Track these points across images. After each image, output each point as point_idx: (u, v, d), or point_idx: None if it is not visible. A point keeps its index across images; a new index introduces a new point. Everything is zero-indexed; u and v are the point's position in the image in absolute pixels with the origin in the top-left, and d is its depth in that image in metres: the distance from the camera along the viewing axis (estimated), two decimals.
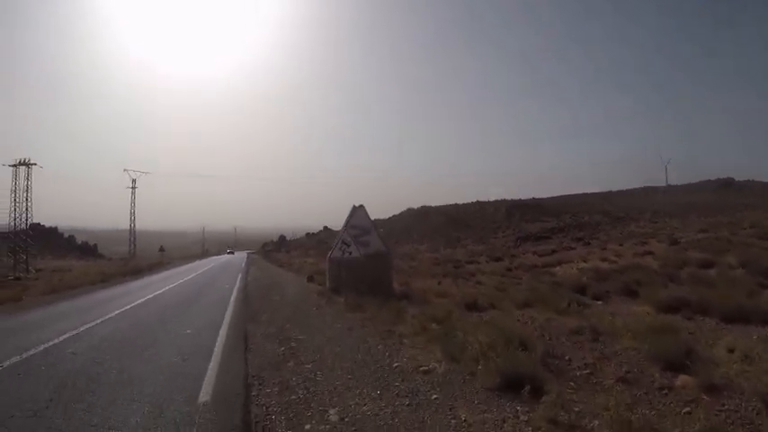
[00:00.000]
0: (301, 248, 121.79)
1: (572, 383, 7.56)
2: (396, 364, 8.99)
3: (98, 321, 15.37)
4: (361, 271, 19.49)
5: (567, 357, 8.95)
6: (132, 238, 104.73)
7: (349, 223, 20.36)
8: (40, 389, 8.09)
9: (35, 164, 76.72)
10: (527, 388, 6.93)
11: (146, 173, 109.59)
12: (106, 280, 37.37)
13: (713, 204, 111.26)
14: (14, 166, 76.22)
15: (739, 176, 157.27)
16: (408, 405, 7.02)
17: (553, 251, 50.12)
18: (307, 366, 9.23)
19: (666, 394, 7.07)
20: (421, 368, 8.61)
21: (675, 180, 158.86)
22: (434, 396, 7.31)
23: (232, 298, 21.33)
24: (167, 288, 27.15)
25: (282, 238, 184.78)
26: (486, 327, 10.95)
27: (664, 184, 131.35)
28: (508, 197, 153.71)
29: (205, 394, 7.66)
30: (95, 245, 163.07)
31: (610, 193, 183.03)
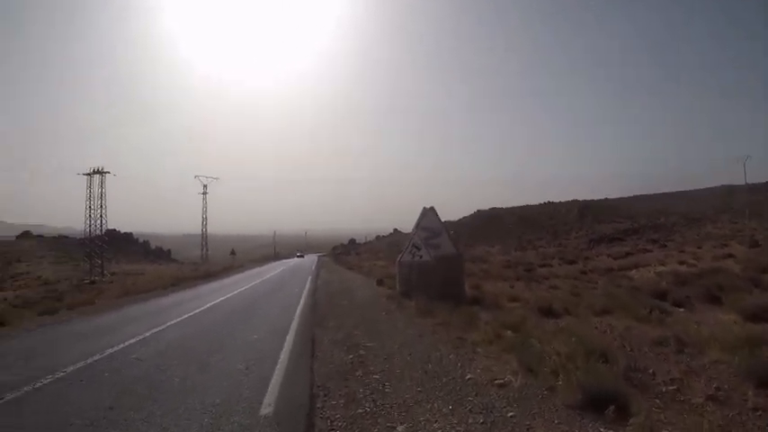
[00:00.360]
0: (371, 251, 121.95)
1: (658, 401, 7.00)
2: (469, 376, 8.48)
3: (165, 326, 15.38)
4: (431, 274, 19.06)
5: (650, 371, 8.35)
6: (204, 243, 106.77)
7: (419, 225, 19.97)
8: (102, 396, 7.97)
9: (108, 172, 79.58)
10: (611, 408, 6.42)
11: (215, 178, 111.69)
12: (177, 284, 37.76)
13: None
14: (89, 174, 78.97)
15: None
16: (482, 423, 6.53)
17: (628, 254, 49.01)
18: (375, 376, 8.84)
19: (761, 416, 6.41)
20: (496, 381, 8.10)
21: (755, 178, 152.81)
22: (510, 414, 6.80)
23: (300, 302, 21.10)
24: (236, 292, 27.22)
25: (352, 241, 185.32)
26: (564, 335, 10.44)
27: (742, 183, 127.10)
28: (580, 197, 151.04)
29: (267, 406, 7.37)
30: (169, 250, 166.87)
31: (686, 192, 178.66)
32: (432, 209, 20.56)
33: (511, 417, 6.71)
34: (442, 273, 19.20)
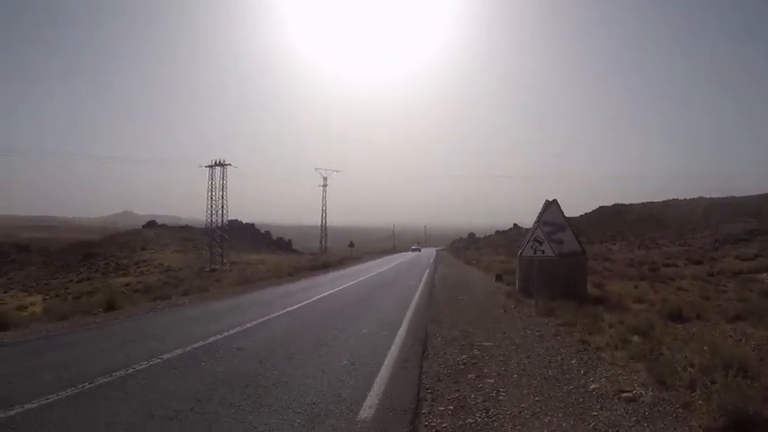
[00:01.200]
0: (490, 246, 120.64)
1: None
2: (593, 386, 7.81)
3: (273, 315, 15.35)
4: (553, 271, 18.36)
5: None
6: (324, 234, 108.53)
7: (541, 219, 19.28)
8: (193, 386, 7.79)
9: (229, 164, 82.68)
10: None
11: (336, 171, 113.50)
12: (294, 273, 37.98)
13: None
14: (211, 166, 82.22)
15: None
16: None
17: (756, 255, 46.54)
18: (489, 381, 8.28)
19: None
20: (623, 393, 7.38)
21: None
22: None
23: (416, 296, 20.78)
24: (352, 283, 27.15)
25: (472, 235, 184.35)
26: (696, 343, 9.86)
27: None
28: (705, 195, 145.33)
29: (367, 408, 6.85)
30: (290, 240, 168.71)
31: None
32: (555, 202, 19.87)
33: None
34: (564, 270, 18.57)
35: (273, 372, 8.68)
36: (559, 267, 18.45)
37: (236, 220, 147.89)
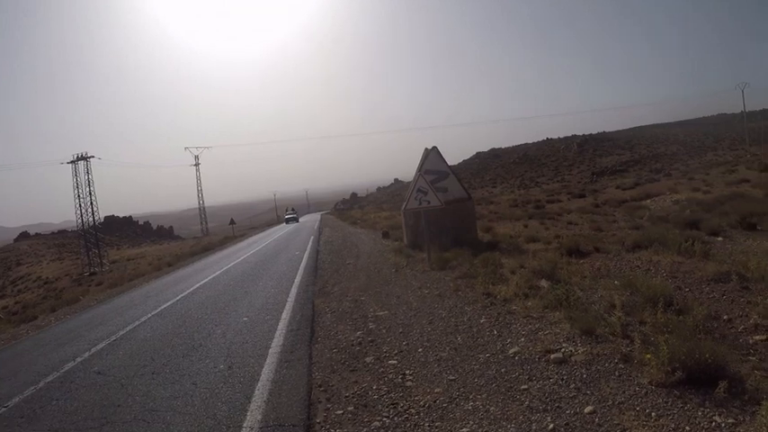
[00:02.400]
0: (374, 203, 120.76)
1: (753, 358, 5.44)
2: (512, 350, 6.62)
3: (143, 320, 13.12)
4: (442, 220, 17.27)
5: (724, 317, 6.82)
6: (203, 216, 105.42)
7: (423, 168, 18.03)
8: None
9: (93, 156, 77.33)
10: (723, 384, 4.69)
11: (207, 148, 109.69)
12: (174, 263, 35.84)
13: None
14: (73, 162, 76.85)
15: None
16: (553, 430, 4.66)
17: (636, 184, 47.55)
18: (391, 362, 6.97)
19: None
20: (550, 355, 6.21)
21: (751, 107, 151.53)
22: (588, 408, 4.88)
23: (301, 267, 19.23)
24: (232, 264, 25.06)
25: (354, 195, 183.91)
26: (607, 279, 8.97)
27: (738, 111, 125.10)
28: (578, 133, 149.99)
29: (250, 427, 5.44)
30: (171, 227, 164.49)
31: (682, 122, 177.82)
32: (434, 149, 18.83)
33: (589, 413, 4.82)
34: (452, 217, 17.63)
35: (136, 398, 6.91)
36: (447, 215, 17.35)
37: (113, 216, 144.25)
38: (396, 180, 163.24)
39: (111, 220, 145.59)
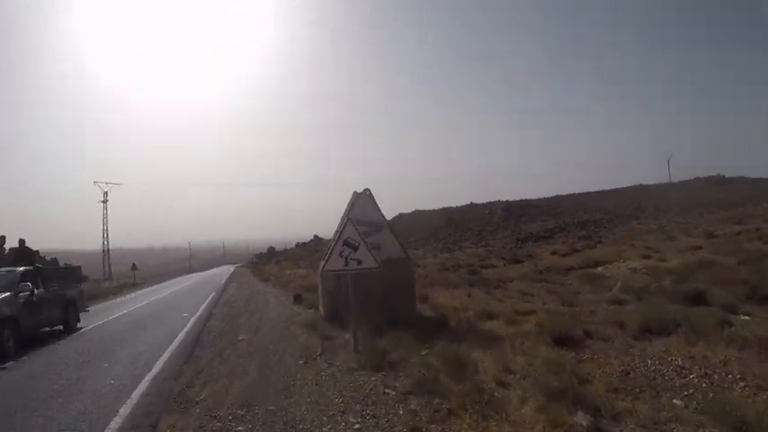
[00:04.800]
0: (291, 259, 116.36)
1: None
2: None
3: None
4: (371, 288, 12.44)
5: None
6: (106, 258, 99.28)
7: (350, 218, 13.64)
8: None
9: None
10: None
11: (117, 184, 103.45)
12: None
13: (708, 201, 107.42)
14: None
15: (728, 173, 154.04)
16: None
17: (575, 250, 44.34)
18: None
19: None
20: None
21: (665, 177, 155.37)
22: None
23: (176, 339, 14.63)
24: (97, 324, 20.35)
25: (272, 249, 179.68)
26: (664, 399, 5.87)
27: (660, 182, 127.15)
28: (502, 198, 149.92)
29: None
30: (79, 267, 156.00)
31: (602, 192, 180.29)
32: (366, 192, 14.40)
33: None
34: (386, 284, 12.86)
35: None
36: (379, 281, 12.48)
37: (17, 248, 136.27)
38: (315, 237, 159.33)
39: (17, 252, 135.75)
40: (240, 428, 6.78)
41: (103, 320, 21.34)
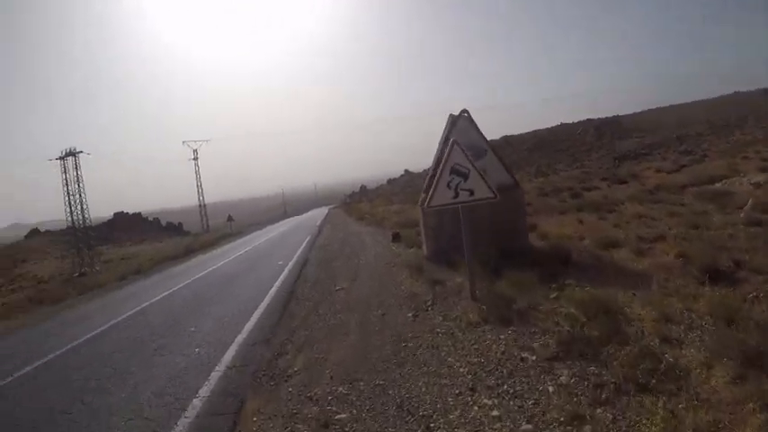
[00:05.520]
0: (384, 196, 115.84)
1: None
2: None
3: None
4: (482, 219, 10.90)
5: None
6: (204, 212, 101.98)
7: (454, 139, 12.08)
8: None
9: (81, 152, 73.90)
10: None
11: (205, 141, 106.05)
12: (162, 261, 34.78)
13: None
14: (62, 158, 73.59)
15: None
16: None
17: (682, 166, 41.48)
18: None
19: None
20: None
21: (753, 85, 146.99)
22: None
23: (270, 293, 13.52)
24: (192, 279, 19.89)
25: (363, 187, 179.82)
26: None
27: (753, 89, 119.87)
28: (593, 116, 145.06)
29: None
30: (180, 223, 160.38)
31: (697, 102, 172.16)
32: (465, 114, 12.67)
33: None
34: (496, 216, 11.42)
35: None
36: (487, 212, 10.96)
37: (122, 212, 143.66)
38: (406, 171, 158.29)
39: (119, 216, 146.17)
40: (342, 416, 5.50)
41: (198, 274, 20.96)
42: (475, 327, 7.47)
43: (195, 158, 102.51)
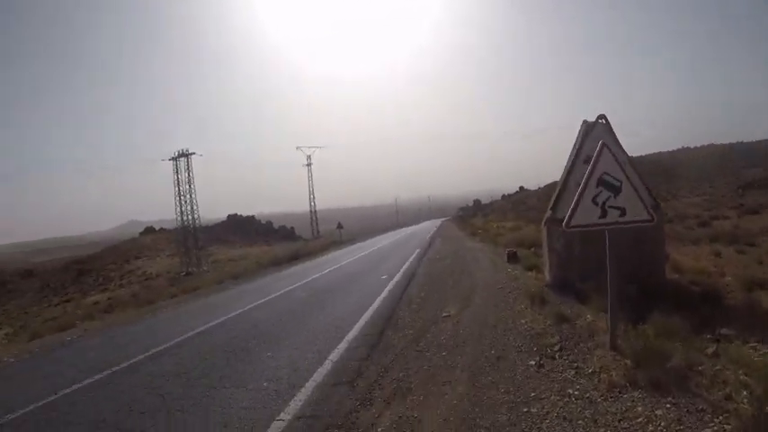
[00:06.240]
0: (498, 212, 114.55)
1: None
2: None
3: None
4: (625, 247, 8.72)
5: None
6: (314, 218, 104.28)
7: (581, 151, 10.80)
8: None
9: (193, 153, 78.94)
10: None
11: (319, 147, 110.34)
12: (267, 266, 35.25)
13: None
14: (174, 159, 78.16)
15: None
16: None
17: None
18: None
19: None
20: None
21: None
22: None
23: (367, 313, 12.20)
24: (285, 290, 18.86)
25: (477, 202, 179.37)
26: None
27: None
28: (716, 141, 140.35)
29: None
30: (292, 228, 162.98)
31: None
32: (603, 120, 11.12)
33: None
34: (633, 244, 9.81)
35: None
36: (626, 238, 8.76)
37: (236, 215, 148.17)
38: (521, 188, 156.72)
39: (233, 218, 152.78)
40: None
41: (294, 285, 20.17)
42: (620, 392, 5.68)
43: (309, 164, 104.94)
